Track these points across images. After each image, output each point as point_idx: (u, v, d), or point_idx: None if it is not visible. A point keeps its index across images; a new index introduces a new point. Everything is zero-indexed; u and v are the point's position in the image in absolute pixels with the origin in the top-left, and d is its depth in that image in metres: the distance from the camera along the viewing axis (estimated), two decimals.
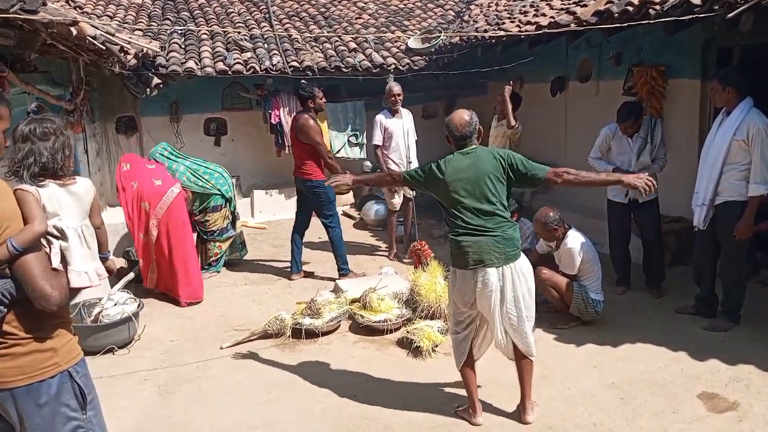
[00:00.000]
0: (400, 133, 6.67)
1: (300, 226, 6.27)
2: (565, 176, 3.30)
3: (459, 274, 3.38)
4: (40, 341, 2.01)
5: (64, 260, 2.69)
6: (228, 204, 6.45)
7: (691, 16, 4.53)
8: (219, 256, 6.46)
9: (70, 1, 8.04)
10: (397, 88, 6.69)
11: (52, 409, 2.02)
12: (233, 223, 6.58)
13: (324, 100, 6.20)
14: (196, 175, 6.20)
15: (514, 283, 3.33)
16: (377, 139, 6.70)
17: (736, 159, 4.30)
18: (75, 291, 3.26)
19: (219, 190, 6.31)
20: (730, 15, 4.15)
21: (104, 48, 5.41)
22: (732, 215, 4.35)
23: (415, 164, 6.77)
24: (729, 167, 4.33)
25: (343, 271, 6.08)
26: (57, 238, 2.20)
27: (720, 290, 4.67)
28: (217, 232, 6.35)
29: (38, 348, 2.00)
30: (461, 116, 3.43)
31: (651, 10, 4.83)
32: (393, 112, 6.70)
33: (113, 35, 5.81)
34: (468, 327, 3.50)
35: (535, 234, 5.53)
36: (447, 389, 3.92)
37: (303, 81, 8.54)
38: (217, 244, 6.39)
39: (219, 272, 6.46)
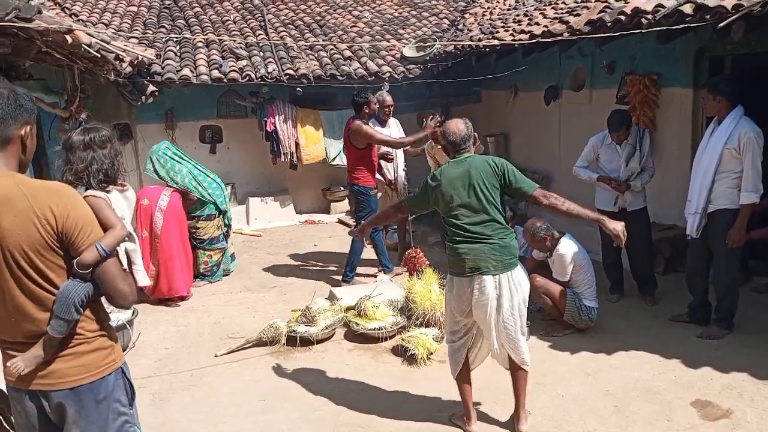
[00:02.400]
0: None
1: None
2: (552, 200, 3.30)
3: (456, 281, 3.38)
4: (102, 339, 2.08)
5: (128, 261, 2.91)
6: (222, 216, 6.44)
7: (683, 26, 4.57)
8: (210, 266, 6.40)
9: (65, 9, 8.07)
10: (390, 99, 6.71)
11: (108, 405, 2.07)
12: (226, 235, 6.54)
13: (377, 105, 6.30)
14: (197, 181, 6.23)
15: (511, 292, 3.31)
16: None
17: (727, 167, 4.33)
18: (139, 290, 3.43)
19: (214, 201, 6.31)
20: (722, 24, 4.19)
21: (99, 56, 5.42)
22: (724, 223, 4.38)
23: (403, 173, 6.82)
24: (721, 176, 4.36)
25: (386, 268, 6.34)
26: (125, 240, 2.31)
27: (713, 298, 4.69)
28: (207, 241, 6.31)
29: (101, 346, 2.08)
30: (456, 123, 3.47)
31: (643, 20, 4.88)
32: (382, 122, 6.72)
33: (108, 43, 5.83)
34: (464, 336, 3.50)
35: None
36: (442, 397, 3.92)
37: (298, 89, 8.59)
38: (207, 253, 6.35)
39: (211, 282, 6.45)
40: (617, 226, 3.28)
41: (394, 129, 6.79)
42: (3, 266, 1.90)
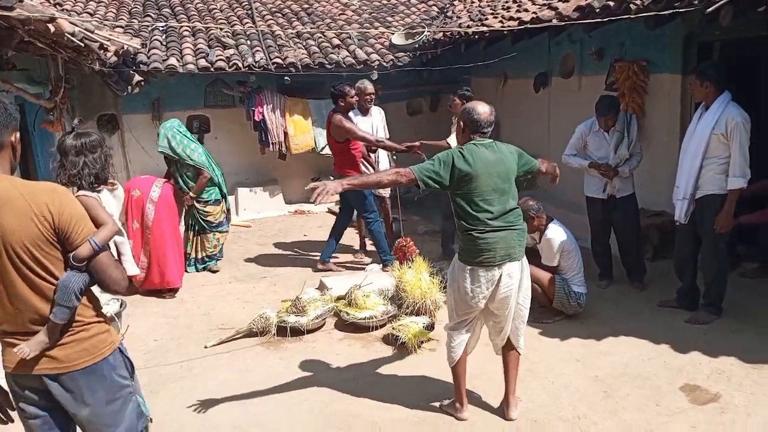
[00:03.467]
0: (369, 132, 6.65)
1: (338, 223, 6.41)
2: (545, 165, 3.71)
3: (481, 272, 3.26)
4: (99, 324, 2.29)
5: (117, 252, 3.23)
6: (224, 200, 6.53)
7: (671, 11, 4.56)
8: (218, 249, 6.56)
9: None
10: (371, 87, 6.65)
11: (111, 381, 2.29)
12: (227, 218, 6.64)
13: (355, 98, 6.12)
14: (210, 162, 6.33)
15: (523, 272, 3.40)
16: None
17: (715, 153, 4.34)
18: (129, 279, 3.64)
19: (219, 183, 6.42)
20: (710, 9, 4.18)
21: (83, 45, 5.35)
22: (712, 209, 4.39)
23: (383, 162, 6.76)
24: (709, 161, 4.37)
25: (385, 262, 6.13)
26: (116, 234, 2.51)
27: (701, 283, 4.72)
28: (216, 224, 6.41)
29: (99, 330, 2.28)
30: (485, 106, 3.38)
31: (632, 5, 4.86)
32: (364, 111, 6.68)
33: (92, 32, 5.75)
34: (470, 324, 3.50)
35: None
36: (432, 385, 3.93)
37: (286, 78, 8.52)
38: (216, 235, 6.46)
39: (218, 262, 6.60)
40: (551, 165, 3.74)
41: (376, 117, 6.75)
42: (6, 261, 2.06)
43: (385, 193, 6.85)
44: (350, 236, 7.70)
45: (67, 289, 2.12)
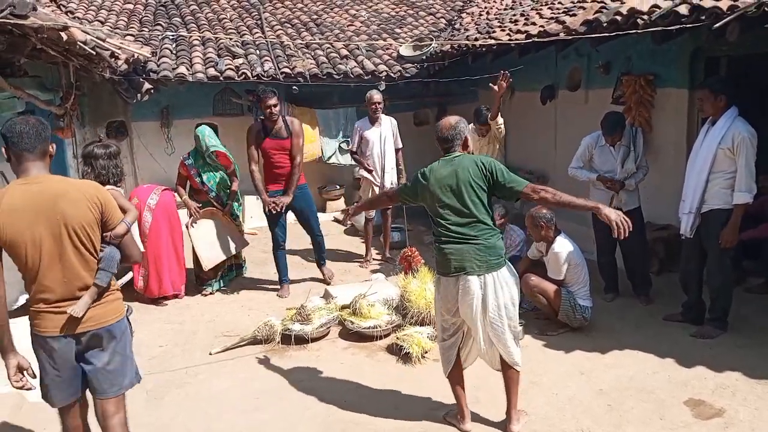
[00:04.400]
0: (376, 141, 6.70)
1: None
2: (542, 193, 3.24)
3: (443, 281, 3.40)
4: (118, 292, 2.91)
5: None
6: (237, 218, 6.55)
7: (678, 27, 4.58)
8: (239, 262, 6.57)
9: (61, 6, 8.03)
10: (377, 96, 6.71)
11: (123, 339, 2.86)
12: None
13: (269, 110, 5.76)
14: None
15: (496, 292, 3.29)
16: (352, 146, 6.96)
17: (721, 167, 4.34)
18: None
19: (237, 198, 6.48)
20: (717, 25, 4.20)
21: (94, 53, 5.41)
22: (718, 223, 4.39)
23: (390, 173, 6.80)
24: (715, 176, 4.37)
25: (283, 281, 6.14)
26: None
27: (707, 297, 4.70)
28: None
29: (118, 297, 2.89)
30: (447, 120, 3.46)
31: (639, 20, 4.89)
32: (372, 120, 6.73)
33: (104, 40, 5.81)
34: (454, 335, 3.50)
35: (526, 241, 5.57)
36: (436, 395, 3.92)
37: (294, 87, 8.58)
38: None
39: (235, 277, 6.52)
40: (611, 214, 3.15)
41: (386, 127, 6.77)
42: (67, 240, 2.62)
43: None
44: (355, 243, 7.73)
45: (113, 259, 2.78)
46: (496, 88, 5.84)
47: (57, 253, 2.62)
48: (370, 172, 6.72)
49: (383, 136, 6.71)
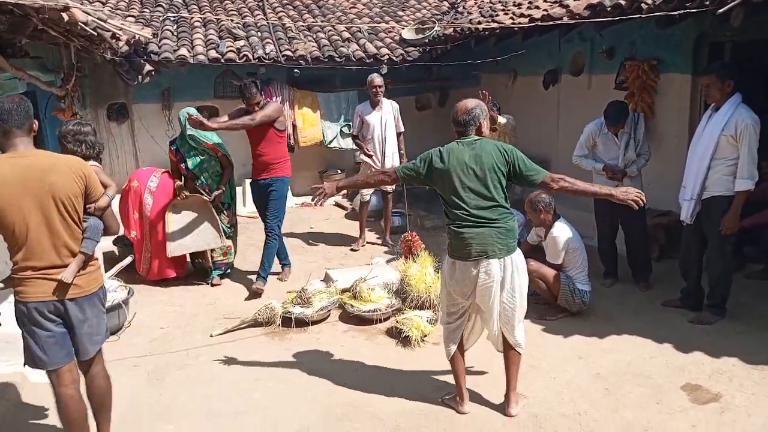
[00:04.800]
0: (377, 125, 6.68)
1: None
2: (562, 183, 3.30)
3: (459, 265, 3.36)
4: (97, 262, 3.11)
5: None
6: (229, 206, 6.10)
7: (682, 11, 4.55)
8: (228, 255, 6.01)
9: None
10: (378, 79, 6.66)
11: (101, 303, 3.11)
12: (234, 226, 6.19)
13: (258, 102, 5.52)
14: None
15: (513, 274, 3.36)
16: (354, 129, 6.94)
17: (723, 154, 4.33)
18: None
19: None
20: (721, 10, 4.17)
21: (96, 34, 5.39)
22: (719, 210, 4.39)
23: (391, 157, 6.75)
24: (717, 162, 4.36)
25: (262, 277, 5.62)
26: None
27: (706, 284, 4.72)
28: (229, 226, 6.00)
29: (98, 266, 3.10)
30: (465, 104, 3.40)
31: (643, 5, 4.85)
32: (373, 104, 6.70)
33: (105, 21, 5.79)
34: (461, 317, 3.52)
35: (525, 225, 5.58)
36: (435, 378, 3.96)
37: (296, 70, 8.54)
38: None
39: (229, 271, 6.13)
40: (628, 195, 3.23)
41: (386, 110, 6.73)
42: (54, 210, 2.81)
43: (389, 188, 6.88)
44: (356, 227, 7.75)
45: (97, 228, 3.02)
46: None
47: (45, 223, 2.81)
48: (370, 156, 6.71)
49: (384, 119, 6.68)
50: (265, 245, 5.72)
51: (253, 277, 6.09)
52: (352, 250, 6.92)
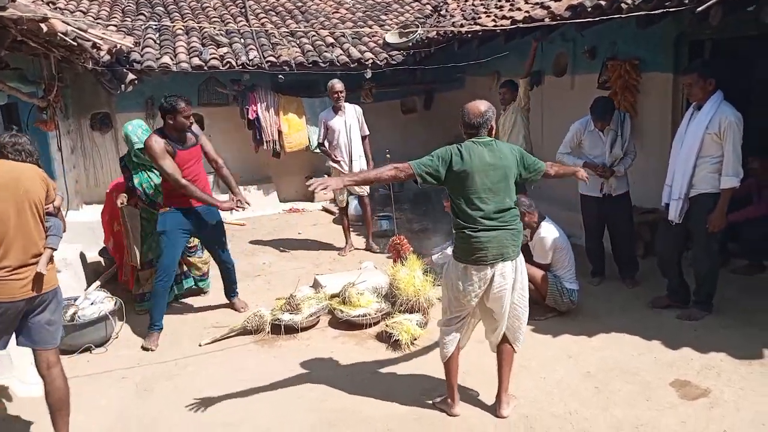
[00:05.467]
0: (342, 130, 6.67)
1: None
2: (556, 168, 3.67)
3: (473, 269, 3.30)
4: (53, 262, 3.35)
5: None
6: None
7: (661, 11, 4.59)
8: (205, 272, 5.76)
9: None
10: (339, 85, 6.65)
11: (60, 298, 3.39)
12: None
13: (186, 120, 4.69)
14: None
15: (522, 273, 3.44)
16: (319, 137, 6.85)
17: (708, 152, 4.34)
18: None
19: None
20: (700, 9, 4.20)
21: (76, 44, 5.34)
22: (705, 208, 4.40)
23: (358, 160, 6.74)
24: (702, 160, 4.37)
25: (152, 328, 4.77)
26: None
27: (690, 279, 4.74)
28: (195, 248, 5.64)
29: (55, 265, 3.38)
30: (477, 106, 3.34)
31: (623, 5, 4.88)
32: (336, 109, 6.71)
33: (85, 31, 5.74)
34: (462, 321, 3.52)
35: None
36: (425, 381, 3.96)
37: (280, 76, 8.52)
38: (201, 259, 5.70)
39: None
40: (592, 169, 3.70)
41: (350, 116, 6.71)
42: (29, 213, 3.15)
43: (365, 192, 6.88)
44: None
45: (60, 227, 3.38)
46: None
47: (20, 225, 3.12)
48: (338, 162, 6.71)
49: (348, 124, 6.69)
50: (225, 271, 5.25)
51: (241, 284, 6.06)
52: (339, 255, 6.91)
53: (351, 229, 7.16)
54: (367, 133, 6.89)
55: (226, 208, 4.89)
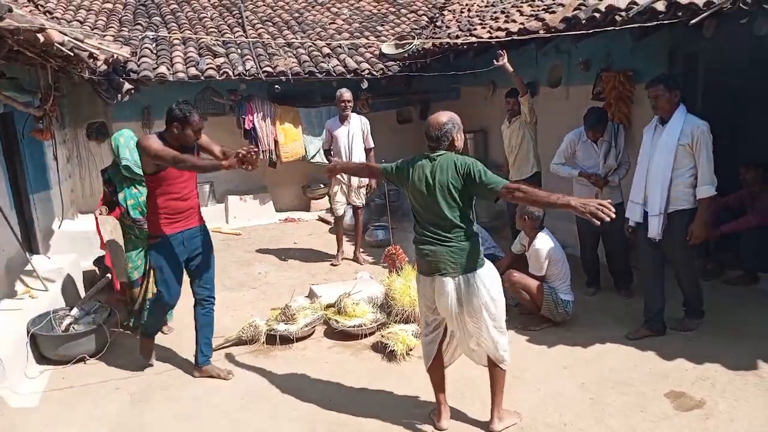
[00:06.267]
0: (344, 139, 6.71)
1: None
2: (516, 193, 3.11)
3: (421, 279, 3.44)
4: None
5: None
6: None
7: (655, 23, 4.63)
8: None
9: (39, 6, 7.93)
10: (347, 94, 6.70)
11: None
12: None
13: (197, 137, 4.18)
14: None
15: (471, 293, 3.24)
16: (325, 144, 6.98)
17: (681, 164, 4.29)
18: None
19: None
20: (693, 21, 4.25)
21: (72, 54, 5.35)
22: (683, 223, 4.34)
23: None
24: (676, 173, 4.31)
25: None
26: None
27: (671, 293, 4.66)
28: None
29: None
30: (437, 118, 3.29)
31: (617, 17, 4.93)
32: (342, 119, 6.74)
33: (82, 41, 5.75)
34: (435, 330, 3.51)
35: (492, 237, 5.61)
36: (421, 393, 3.93)
37: (276, 86, 8.55)
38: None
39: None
40: (588, 207, 2.96)
41: (354, 125, 6.75)
42: None
43: (360, 203, 6.92)
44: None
45: None
46: (498, 63, 5.68)
47: None
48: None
49: (351, 134, 6.73)
50: (202, 316, 4.40)
51: (236, 294, 6.05)
52: (332, 265, 6.90)
53: (345, 239, 7.16)
54: (372, 145, 6.92)
55: (232, 164, 3.78)
